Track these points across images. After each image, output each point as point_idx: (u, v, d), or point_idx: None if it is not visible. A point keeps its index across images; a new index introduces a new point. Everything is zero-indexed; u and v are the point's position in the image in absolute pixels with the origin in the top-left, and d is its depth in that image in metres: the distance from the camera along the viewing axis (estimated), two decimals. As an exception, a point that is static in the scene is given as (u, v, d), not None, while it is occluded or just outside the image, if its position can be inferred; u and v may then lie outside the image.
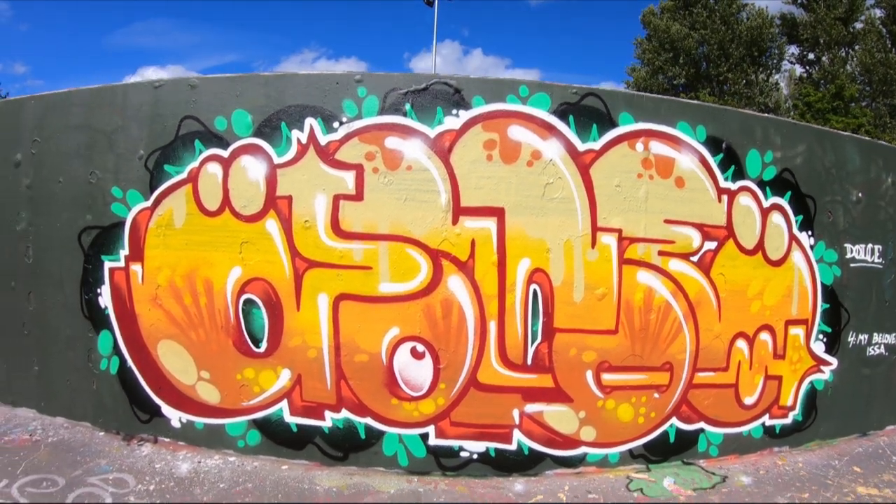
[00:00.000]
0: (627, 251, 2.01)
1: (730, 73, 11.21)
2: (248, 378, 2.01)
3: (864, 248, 2.33)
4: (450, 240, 1.90)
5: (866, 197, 2.36)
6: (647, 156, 2.03)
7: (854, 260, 2.32)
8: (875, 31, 10.30)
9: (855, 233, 2.35)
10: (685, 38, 11.44)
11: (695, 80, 11.55)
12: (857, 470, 2.15)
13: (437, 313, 1.92)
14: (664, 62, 11.84)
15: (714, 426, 2.18)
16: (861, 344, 2.39)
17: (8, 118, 2.31)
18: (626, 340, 2.02)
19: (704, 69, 11.71)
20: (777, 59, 11.75)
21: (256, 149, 1.96)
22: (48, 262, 2.21)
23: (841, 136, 2.42)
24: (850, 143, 2.39)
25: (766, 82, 11.37)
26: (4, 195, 2.28)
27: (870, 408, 2.48)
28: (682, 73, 11.59)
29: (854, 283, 2.35)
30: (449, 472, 1.98)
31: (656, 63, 11.85)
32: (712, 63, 11.51)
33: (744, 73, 11.13)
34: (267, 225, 1.95)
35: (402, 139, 1.91)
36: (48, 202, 2.20)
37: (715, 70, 11.44)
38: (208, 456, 2.05)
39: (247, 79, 2.00)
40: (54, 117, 2.19)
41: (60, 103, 2.19)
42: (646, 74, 12.07)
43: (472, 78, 1.94)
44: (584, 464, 2.05)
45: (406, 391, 1.96)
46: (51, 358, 2.25)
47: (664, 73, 11.74)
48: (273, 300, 1.96)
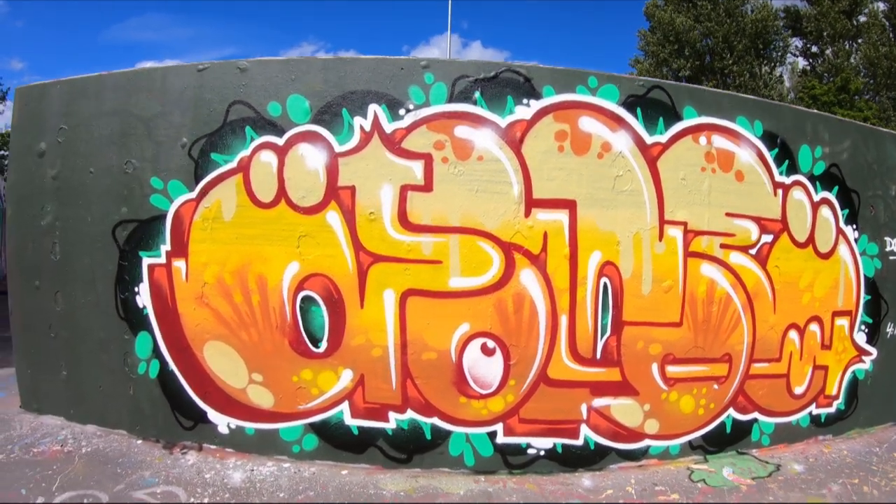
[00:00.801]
0: (692, 244, 2.01)
1: (734, 66, 10.77)
2: (306, 380, 1.90)
3: None
4: (522, 232, 1.85)
5: None
6: (709, 149, 2.04)
7: (893, 253, 2.43)
8: (878, 25, 10.40)
9: (893, 226, 2.45)
10: (690, 31, 10.98)
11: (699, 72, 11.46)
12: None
13: (508, 308, 1.87)
14: (669, 54, 11.64)
15: (767, 416, 2.23)
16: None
17: (30, 105, 2.10)
18: (690, 332, 2.03)
19: (709, 62, 11.51)
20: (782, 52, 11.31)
21: (315, 136, 1.85)
22: (78, 259, 2.03)
23: (882, 132, 2.52)
24: (890, 140, 2.49)
25: (769, 75, 11.00)
26: (27, 187, 2.08)
27: None
28: (686, 65, 11.42)
29: (892, 275, 2.46)
30: (515, 471, 1.94)
31: (661, 55, 11.68)
32: (717, 56, 11.04)
33: (748, 65, 10.76)
34: (328, 217, 1.84)
35: (473, 128, 1.84)
36: (77, 194, 2.01)
37: (719, 63, 10.97)
38: (261, 463, 1.93)
39: (303, 62, 1.88)
40: (84, 103, 2.00)
41: (91, 88, 2.01)
42: (649, 67, 11.96)
43: (541, 67, 1.89)
44: (647, 456, 2.05)
45: (475, 389, 1.90)
46: (81, 362, 2.06)
47: (668, 66, 11.58)
48: (334, 297, 1.86)
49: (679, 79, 11.54)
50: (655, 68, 11.96)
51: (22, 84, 2.12)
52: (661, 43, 11.75)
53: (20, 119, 2.12)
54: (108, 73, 2.03)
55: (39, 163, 2.07)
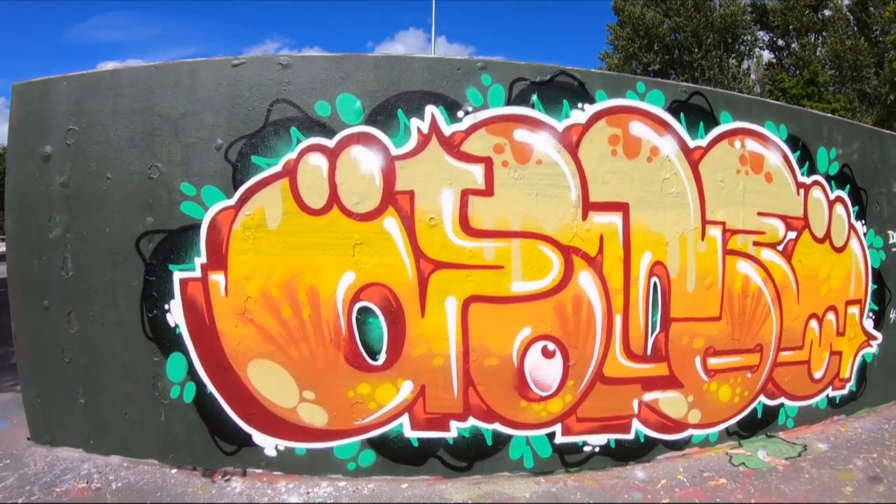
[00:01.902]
0: (729, 242, 2.12)
1: (703, 60, 11.14)
2: (363, 394, 1.82)
3: None
4: (580, 235, 1.86)
5: None
6: (743, 153, 2.15)
7: (895, 245, 2.68)
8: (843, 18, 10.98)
9: (895, 220, 2.69)
10: (659, 26, 11.33)
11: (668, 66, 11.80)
12: None
13: (567, 310, 1.88)
14: (638, 49, 11.87)
15: (791, 400, 2.41)
16: None
17: (30, 103, 1.84)
18: (728, 326, 2.15)
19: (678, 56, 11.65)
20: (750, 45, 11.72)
21: (369, 138, 1.75)
22: (95, 275, 1.81)
23: (885, 134, 2.76)
24: (891, 141, 2.72)
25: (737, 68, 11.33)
26: (30, 195, 1.82)
27: None
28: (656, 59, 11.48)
29: (894, 265, 2.70)
30: (572, 469, 1.97)
31: (630, 49, 11.88)
32: (686, 50, 11.37)
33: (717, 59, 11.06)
34: (385, 223, 1.76)
35: (531, 132, 1.82)
36: (92, 202, 1.78)
37: (689, 57, 11.31)
38: (315, 484, 1.83)
39: (353, 59, 1.77)
40: (97, 101, 1.78)
41: (105, 84, 1.79)
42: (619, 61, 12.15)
43: (593, 72, 1.91)
44: (689, 445, 2.15)
45: (535, 392, 1.90)
46: (102, 388, 1.85)
47: (638, 60, 11.84)
48: (393, 307, 1.78)
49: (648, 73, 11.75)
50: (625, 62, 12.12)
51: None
52: (630, 37, 11.91)
53: (19, 119, 1.84)
54: (126, 68, 1.81)
55: (45, 168, 1.81)
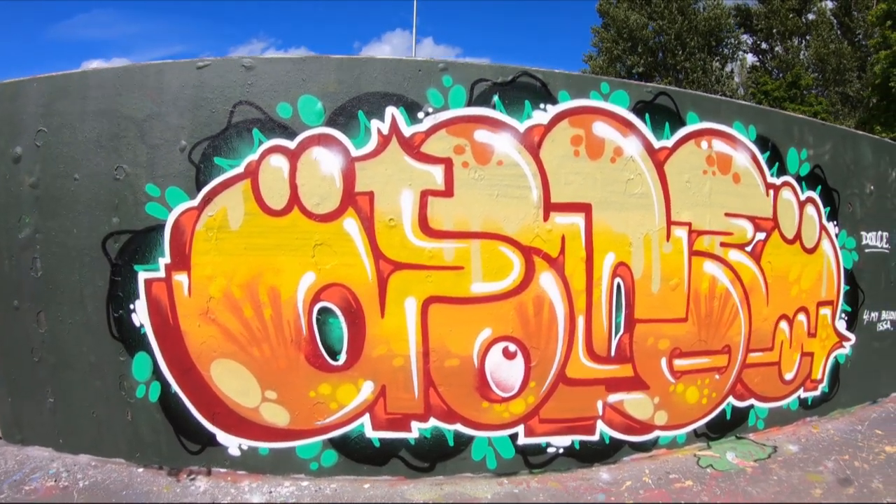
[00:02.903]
0: (695, 243, 2.07)
1: (686, 63, 11.09)
2: (324, 394, 1.78)
3: (875, 235, 2.61)
4: (541, 236, 1.82)
5: (877, 189, 2.63)
6: (710, 153, 2.10)
7: (868, 246, 2.60)
8: (827, 22, 10.97)
9: (868, 221, 2.61)
10: (643, 28, 11.25)
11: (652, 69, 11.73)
12: (878, 433, 2.39)
13: (529, 311, 1.83)
14: (622, 51, 11.60)
15: (761, 401, 2.34)
16: (873, 321, 2.68)
17: (1, 104, 1.83)
18: (694, 327, 2.09)
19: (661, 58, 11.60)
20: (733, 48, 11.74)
21: (330, 139, 1.73)
22: (63, 276, 1.79)
23: (858, 135, 2.69)
24: (864, 141, 2.65)
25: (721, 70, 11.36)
26: (0, 196, 1.80)
27: (879, 378, 2.77)
28: (640, 62, 11.40)
29: (868, 266, 2.62)
30: (535, 470, 1.92)
31: (614, 52, 11.80)
32: (669, 52, 11.31)
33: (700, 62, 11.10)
34: (345, 224, 1.73)
35: (492, 133, 1.78)
36: (61, 203, 1.77)
37: (672, 59, 11.27)
38: (278, 484, 1.79)
39: (315, 61, 1.74)
40: (66, 103, 1.77)
41: (74, 86, 1.77)
42: (603, 63, 12.05)
43: (556, 72, 1.86)
44: (657, 447, 2.10)
45: (497, 393, 1.86)
46: (70, 387, 1.83)
47: (622, 63, 11.78)
48: (353, 307, 1.75)
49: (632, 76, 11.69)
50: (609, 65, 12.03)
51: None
52: (614, 40, 11.83)
53: (-12, 120, 1.84)
54: (94, 70, 1.80)
55: (15, 169, 1.81)
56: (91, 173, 1.76)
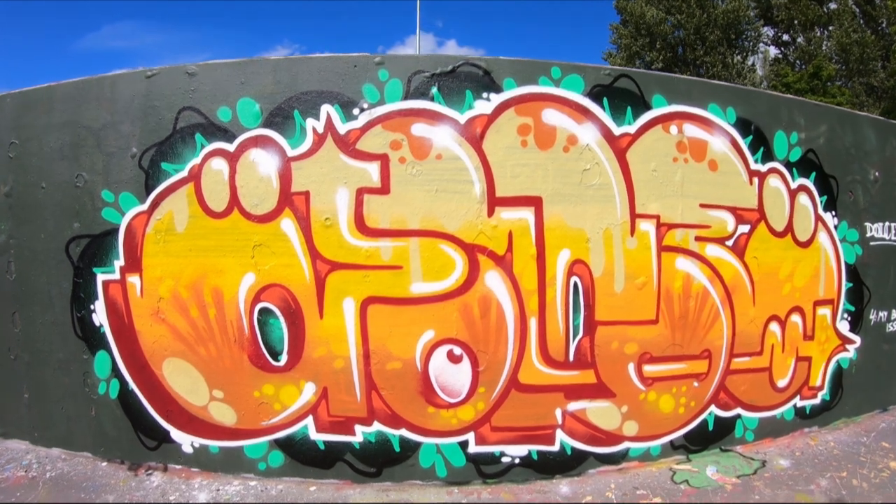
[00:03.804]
0: (665, 238, 1.82)
1: (706, 57, 10.57)
2: (268, 395, 1.73)
3: (882, 227, 2.23)
4: (486, 233, 1.67)
5: (883, 176, 2.26)
6: (681, 139, 1.85)
7: (873, 238, 2.23)
8: (849, 12, 10.13)
9: (874, 211, 2.25)
10: (661, 23, 10.77)
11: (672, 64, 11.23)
12: (885, 445, 2.05)
13: (474, 313, 1.69)
14: (641, 47, 11.15)
15: (750, 411, 2.04)
16: (881, 321, 2.30)
17: None
18: (667, 330, 1.84)
19: (681, 53, 11.07)
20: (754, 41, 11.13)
21: (267, 140, 1.67)
22: (34, 278, 1.86)
23: (859, 116, 2.32)
24: (867, 123, 2.28)
25: (742, 64, 10.80)
26: None
27: (890, 383, 2.40)
28: (659, 57, 10.87)
29: (874, 261, 2.26)
30: (490, 480, 1.76)
31: (633, 48, 11.42)
32: (689, 47, 10.83)
33: (720, 56, 10.54)
34: (282, 225, 1.67)
35: (430, 126, 1.66)
36: (31, 211, 1.84)
37: (692, 54, 10.77)
38: (227, 482, 1.76)
39: (252, 63, 1.70)
40: (35, 115, 1.84)
41: (41, 100, 1.84)
42: (622, 60, 11.71)
43: (501, 59, 1.70)
44: (627, 459, 1.87)
45: (443, 398, 1.72)
46: (43, 384, 1.90)
47: (641, 59, 11.37)
48: (292, 308, 1.68)
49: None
50: (628, 61, 11.67)
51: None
52: (633, 36, 11.47)
53: (-33, 135, 1.95)
54: (58, 84, 1.85)
55: (-11, 180, 1.91)
56: (55, 182, 1.81)
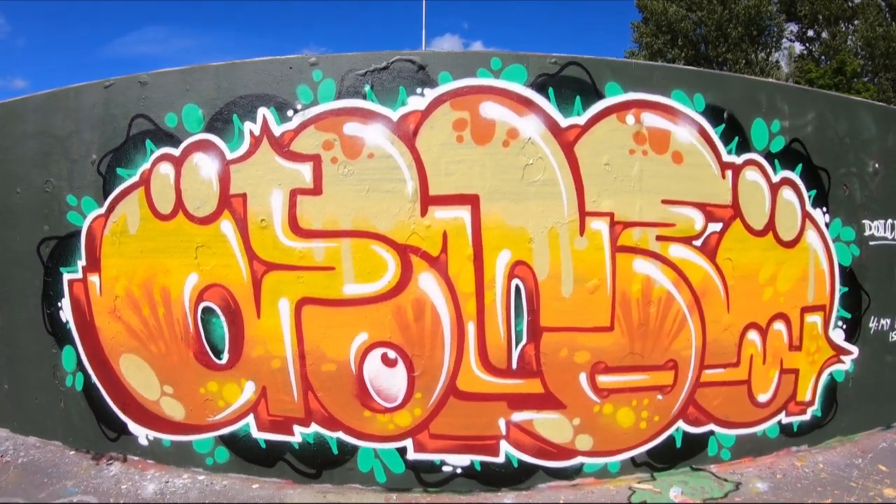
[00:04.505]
0: (621, 237, 1.65)
1: (729, 54, 10.18)
2: (212, 392, 1.73)
3: (883, 224, 1.91)
4: (419, 233, 1.58)
5: (884, 167, 1.94)
6: (639, 129, 1.66)
7: (873, 237, 1.91)
8: (875, 5, 9.48)
9: (873, 207, 1.93)
10: (682, 20, 10.50)
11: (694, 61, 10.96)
12: (882, 469, 1.75)
13: (408, 315, 1.60)
14: (662, 45, 10.82)
15: (725, 427, 1.81)
16: (883, 329, 1.98)
17: None
18: (624, 338, 1.67)
19: (704, 51, 10.78)
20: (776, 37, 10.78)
21: (208, 145, 1.68)
22: (12, 277, 1.98)
23: (854, 101, 2.02)
24: (865, 110, 1.97)
25: (766, 61, 10.40)
26: None
27: (894, 398, 2.06)
28: (681, 55, 10.61)
29: (874, 262, 1.95)
30: (431, 489, 1.66)
31: (654, 46, 11.13)
32: (711, 44, 10.55)
33: (743, 52, 10.16)
34: (222, 226, 1.66)
35: (363, 124, 1.59)
36: (9, 214, 1.96)
37: (714, 51, 10.43)
38: (177, 475, 1.78)
39: (197, 70, 1.71)
40: (12, 125, 1.95)
41: (17, 110, 1.95)
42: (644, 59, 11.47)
43: (438, 52, 1.62)
44: (581, 475, 1.71)
45: (379, 402, 1.65)
46: (20, 376, 2.01)
47: (663, 56, 11.02)
48: (232, 307, 1.67)
49: None
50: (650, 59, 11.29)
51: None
52: (654, 34, 11.19)
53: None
54: (31, 96, 1.96)
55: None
56: (29, 187, 1.91)
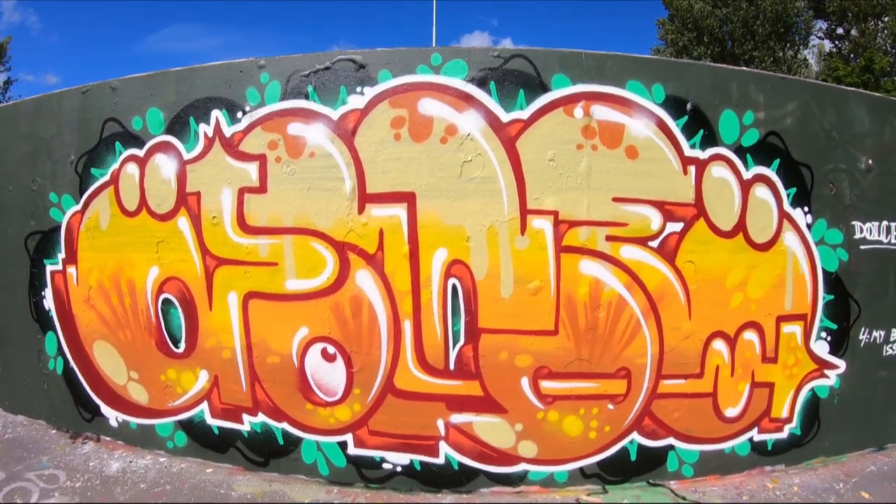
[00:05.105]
0: (566, 237, 1.72)
1: (755, 52, 10.52)
2: (171, 379, 2.00)
3: (877, 227, 1.84)
4: (356, 231, 1.75)
5: (879, 164, 1.87)
6: (588, 122, 1.73)
7: (865, 241, 1.85)
8: None
9: (866, 208, 1.87)
10: (707, 17, 10.87)
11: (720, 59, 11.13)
12: (864, 496, 1.72)
13: (346, 312, 1.77)
14: (688, 42, 11.31)
15: (687, 442, 1.83)
16: (876, 342, 1.91)
17: None
18: (569, 342, 1.74)
19: (730, 48, 11.14)
20: (804, 34, 11.10)
21: (168, 146, 1.94)
22: (4, 268, 2.37)
23: (844, 90, 1.95)
24: (857, 100, 1.90)
25: (793, 59, 10.74)
26: None
27: (889, 417, 1.98)
28: (707, 52, 11.00)
29: (866, 268, 1.89)
30: (372, 485, 1.83)
31: (680, 44, 11.45)
32: (737, 41, 10.90)
33: (770, 50, 10.50)
34: (179, 223, 1.92)
35: (305, 124, 1.78)
36: (2, 210, 2.35)
37: (740, 48, 10.81)
38: (141, 456, 2.07)
39: (160, 76, 1.98)
40: (6, 129, 2.34)
41: (10, 116, 2.34)
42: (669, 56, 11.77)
43: (379, 51, 1.76)
44: (526, 482, 1.81)
45: (320, 396, 1.84)
46: (12, 359, 2.41)
47: (688, 54, 11.35)
48: (188, 299, 1.93)
49: None
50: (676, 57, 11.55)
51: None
52: (679, 31, 11.57)
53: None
54: (23, 101, 2.35)
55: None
56: (19, 185, 2.29)
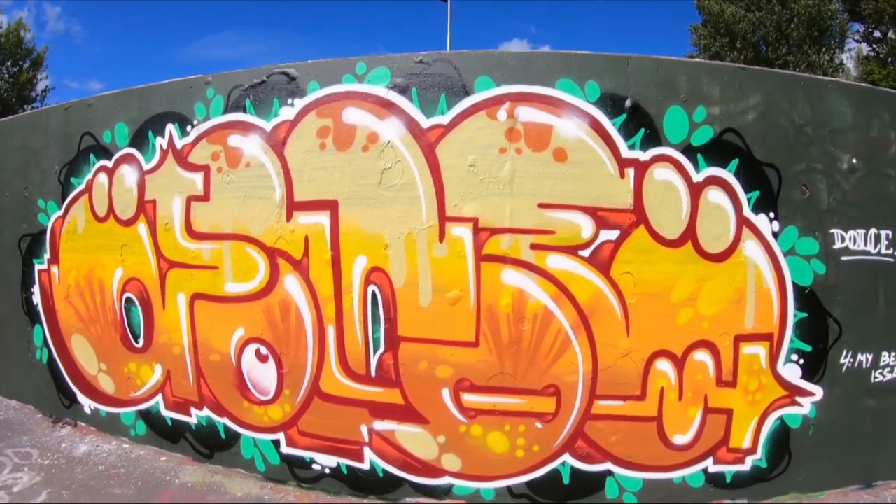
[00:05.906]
0: (487, 245, 1.88)
1: (790, 56, 11.14)
2: (133, 371, 2.44)
3: (862, 235, 1.75)
4: (284, 237, 2.03)
5: (865, 164, 1.79)
6: (512, 125, 1.86)
7: (847, 251, 1.78)
8: None
9: (849, 213, 1.81)
10: (740, 21, 11.51)
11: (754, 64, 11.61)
12: None
13: (276, 315, 2.07)
14: (721, 47, 11.97)
15: (628, 469, 1.90)
16: (862, 367, 1.83)
17: None
18: (491, 355, 1.89)
19: (764, 53, 11.79)
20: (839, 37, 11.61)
21: (132, 158, 2.38)
22: (2, 266, 3.00)
23: (820, 81, 1.87)
24: (836, 92, 1.83)
25: (829, 63, 11.21)
26: None
27: (877, 451, 1.89)
28: (740, 57, 11.67)
29: (848, 282, 1.82)
30: (304, 485, 2.11)
31: (713, 49, 11.98)
32: (771, 46, 11.58)
33: (804, 54, 11.03)
34: (139, 228, 2.35)
35: (243, 136, 2.11)
36: (1, 214, 2.95)
37: (774, 53, 11.45)
38: (107, 441, 2.54)
39: (126, 93, 2.44)
40: (4, 141, 2.97)
41: (7, 129, 2.97)
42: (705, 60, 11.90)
43: (309, 63, 2.04)
44: (451, 496, 1.99)
45: (255, 394, 2.15)
46: (7, 349, 3.05)
47: (721, 59, 11.67)
48: (146, 299, 2.35)
49: None
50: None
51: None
52: (712, 36, 12.14)
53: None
54: (20, 116, 2.98)
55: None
56: (14, 192, 2.90)
